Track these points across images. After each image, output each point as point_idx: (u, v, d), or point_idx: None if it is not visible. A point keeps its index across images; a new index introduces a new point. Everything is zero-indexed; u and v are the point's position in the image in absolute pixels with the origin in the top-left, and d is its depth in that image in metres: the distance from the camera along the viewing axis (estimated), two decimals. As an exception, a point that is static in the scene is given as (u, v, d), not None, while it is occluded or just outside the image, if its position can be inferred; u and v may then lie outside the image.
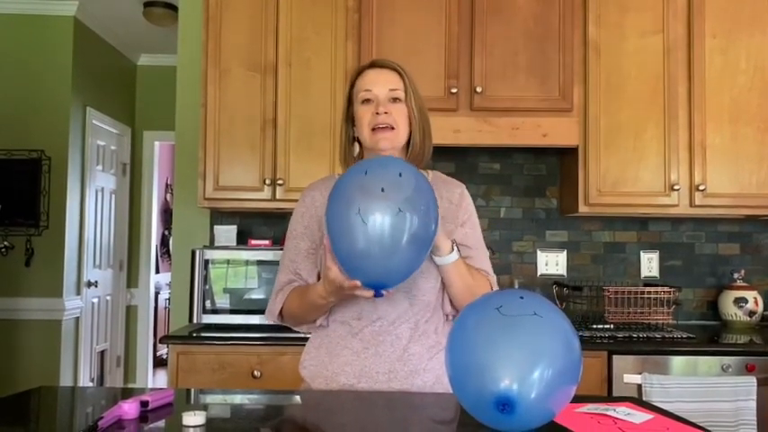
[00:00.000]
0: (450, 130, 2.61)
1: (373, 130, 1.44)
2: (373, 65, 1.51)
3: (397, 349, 1.40)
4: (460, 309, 1.46)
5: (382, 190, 1.18)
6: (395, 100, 1.46)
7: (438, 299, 1.47)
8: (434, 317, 1.46)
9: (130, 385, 5.26)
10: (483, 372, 0.96)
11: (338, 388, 1.41)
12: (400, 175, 1.21)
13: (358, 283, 1.24)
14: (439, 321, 1.48)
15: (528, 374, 0.94)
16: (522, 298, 1.03)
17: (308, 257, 1.50)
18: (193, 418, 1.07)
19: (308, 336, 1.55)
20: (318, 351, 1.48)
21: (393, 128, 1.45)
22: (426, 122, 1.51)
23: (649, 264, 2.99)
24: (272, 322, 1.53)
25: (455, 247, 1.39)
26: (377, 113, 1.44)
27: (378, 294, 1.26)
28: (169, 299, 4.77)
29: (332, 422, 1.22)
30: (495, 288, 1.51)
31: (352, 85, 1.51)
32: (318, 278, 1.48)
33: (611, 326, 2.56)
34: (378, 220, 1.16)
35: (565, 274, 2.99)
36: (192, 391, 1.61)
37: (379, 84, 1.46)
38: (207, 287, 2.53)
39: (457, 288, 1.43)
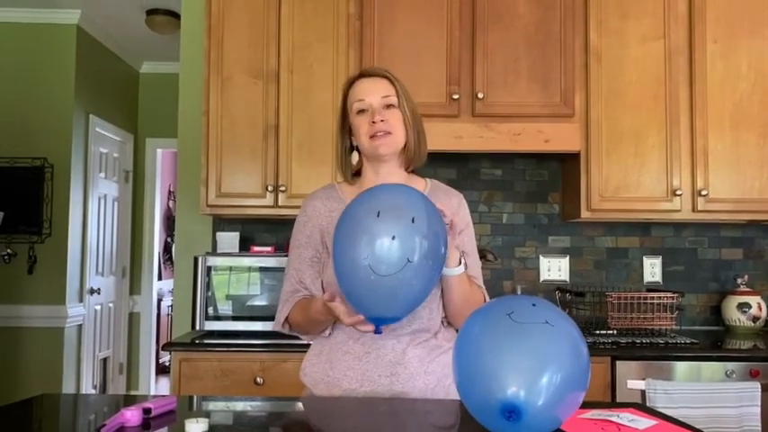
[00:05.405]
0: (452, 136, 2.62)
1: (371, 137, 1.46)
2: (362, 75, 1.53)
3: (397, 352, 1.41)
4: (454, 319, 1.49)
5: (393, 238, 1.17)
6: (389, 106, 1.48)
7: (436, 303, 1.47)
8: (432, 322, 1.46)
9: (133, 392, 5.26)
10: (490, 378, 0.96)
11: (340, 393, 1.42)
12: (413, 221, 1.19)
13: (361, 317, 1.28)
14: (438, 326, 1.48)
15: (535, 382, 0.93)
16: (534, 305, 1.02)
17: (312, 266, 1.52)
18: (196, 426, 1.07)
19: (310, 342, 1.56)
20: (319, 358, 1.49)
21: (390, 133, 1.46)
22: (420, 124, 1.52)
23: (652, 269, 2.99)
24: (279, 330, 1.55)
25: (462, 260, 1.40)
26: (373, 122, 1.45)
27: (377, 331, 1.28)
28: (172, 306, 4.77)
29: (334, 428, 1.21)
30: (488, 299, 1.51)
31: (345, 97, 1.53)
32: (322, 286, 1.49)
33: (615, 331, 2.56)
34: (385, 271, 1.17)
35: (567, 279, 2.98)
36: (195, 398, 1.60)
37: (372, 93, 1.48)
38: (209, 294, 2.53)
39: (457, 297, 1.44)
